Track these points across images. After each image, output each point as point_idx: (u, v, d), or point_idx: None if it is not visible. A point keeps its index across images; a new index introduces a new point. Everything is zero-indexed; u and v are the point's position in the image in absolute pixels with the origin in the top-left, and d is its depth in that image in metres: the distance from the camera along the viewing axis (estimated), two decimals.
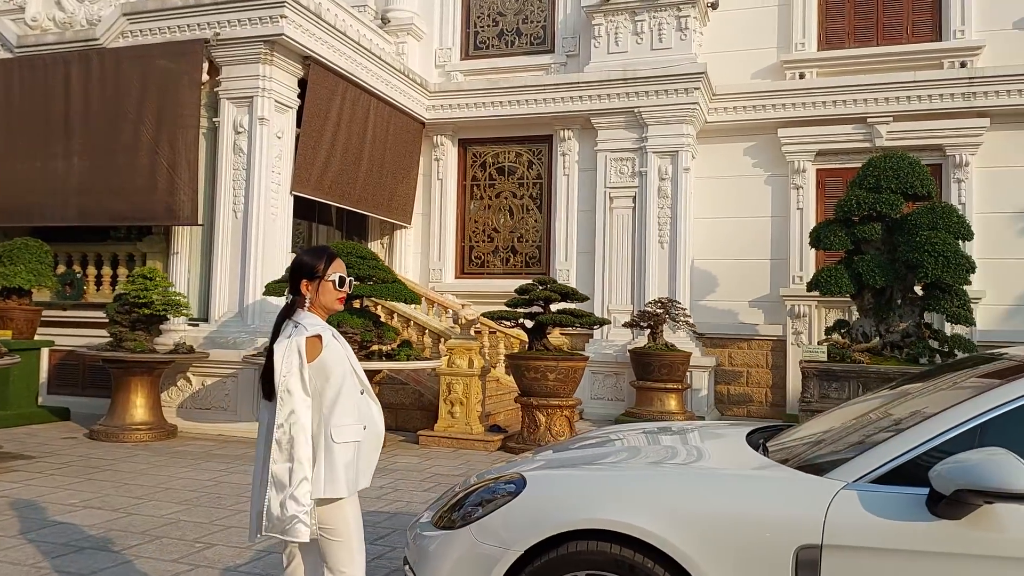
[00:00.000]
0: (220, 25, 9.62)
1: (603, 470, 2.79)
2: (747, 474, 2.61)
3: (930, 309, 9.78)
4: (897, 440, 2.39)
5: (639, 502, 2.46)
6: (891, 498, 2.29)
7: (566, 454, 3.26)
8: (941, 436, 2.33)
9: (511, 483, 2.74)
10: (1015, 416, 2.30)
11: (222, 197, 9.72)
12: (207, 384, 9.42)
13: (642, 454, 3.06)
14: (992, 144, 11.25)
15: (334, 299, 2.90)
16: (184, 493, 6.14)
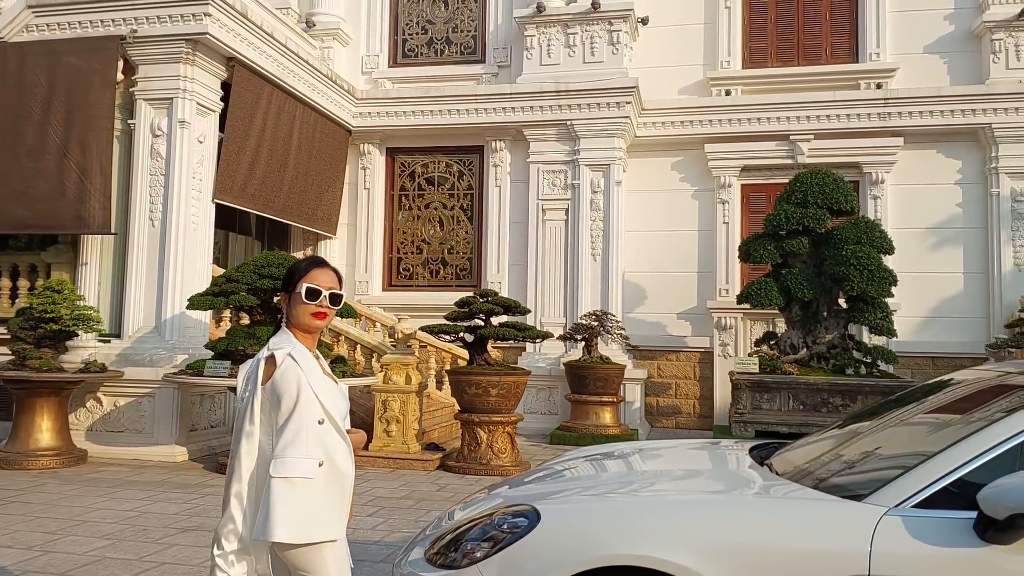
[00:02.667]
0: (138, 21, 9.02)
1: (624, 499, 2.60)
2: (781, 501, 2.48)
3: (854, 321, 10.10)
4: (938, 461, 2.29)
5: (671, 534, 2.28)
6: (938, 523, 2.19)
7: (551, 485, 3.03)
8: (984, 456, 2.25)
9: (522, 516, 2.51)
10: None
11: (137, 204, 9.08)
12: (120, 405, 8.74)
13: (649, 481, 2.88)
14: (905, 162, 11.76)
15: (306, 315, 2.52)
16: (104, 526, 5.60)
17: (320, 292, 2.55)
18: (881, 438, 2.75)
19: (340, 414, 2.54)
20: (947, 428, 2.56)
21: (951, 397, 2.91)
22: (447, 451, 8.69)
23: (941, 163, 11.79)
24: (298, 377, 2.44)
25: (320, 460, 2.40)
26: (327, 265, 2.66)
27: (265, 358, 2.48)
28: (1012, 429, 2.27)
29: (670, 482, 2.83)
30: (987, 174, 11.53)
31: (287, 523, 2.31)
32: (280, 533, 2.30)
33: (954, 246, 11.68)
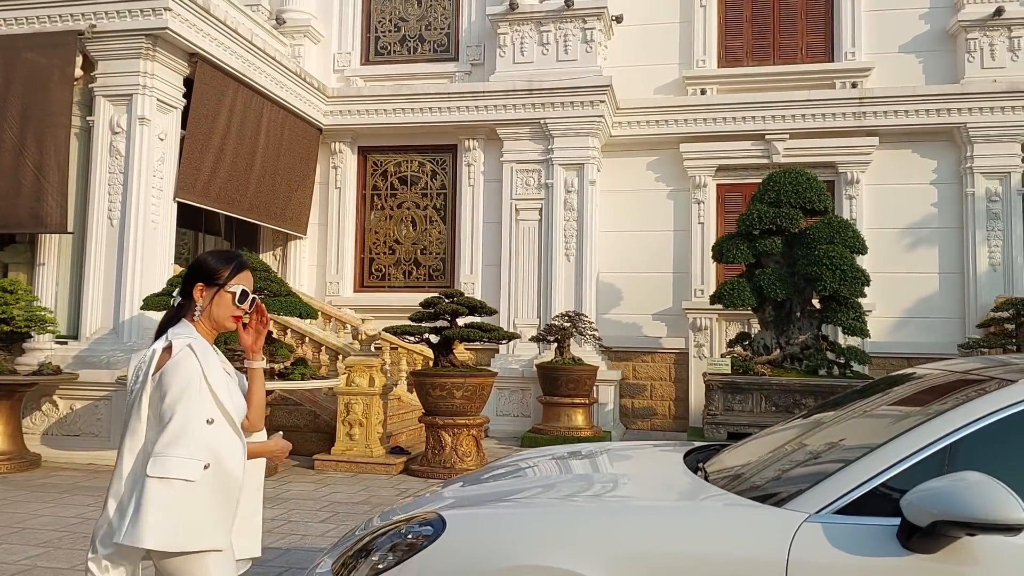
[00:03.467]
0: (97, 16, 8.82)
1: (537, 507, 2.45)
2: (699, 507, 2.33)
3: (827, 321, 9.99)
4: (862, 464, 2.15)
5: (580, 543, 2.13)
6: (859, 531, 2.05)
7: (479, 488, 2.88)
8: (910, 459, 2.11)
9: (427, 524, 2.36)
10: (989, 434, 2.11)
11: (96, 203, 8.88)
12: (76, 408, 8.53)
13: (574, 486, 2.73)
14: (881, 162, 11.68)
15: (228, 315, 2.43)
16: (44, 533, 5.40)
17: (248, 297, 2.47)
18: (816, 439, 2.61)
19: (238, 412, 2.37)
20: (880, 429, 2.42)
21: (896, 396, 2.77)
22: (412, 455, 8.52)
23: (916, 163, 11.72)
24: (192, 369, 2.27)
25: (206, 462, 2.21)
26: (250, 266, 2.59)
27: (163, 348, 2.31)
28: (939, 431, 2.14)
29: (591, 487, 2.68)
30: (962, 174, 11.46)
31: (159, 528, 2.12)
32: (149, 539, 2.12)
33: (929, 246, 11.61)
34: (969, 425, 2.12)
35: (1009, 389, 2.18)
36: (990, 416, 2.12)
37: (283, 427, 9.24)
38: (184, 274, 2.52)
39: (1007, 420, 2.11)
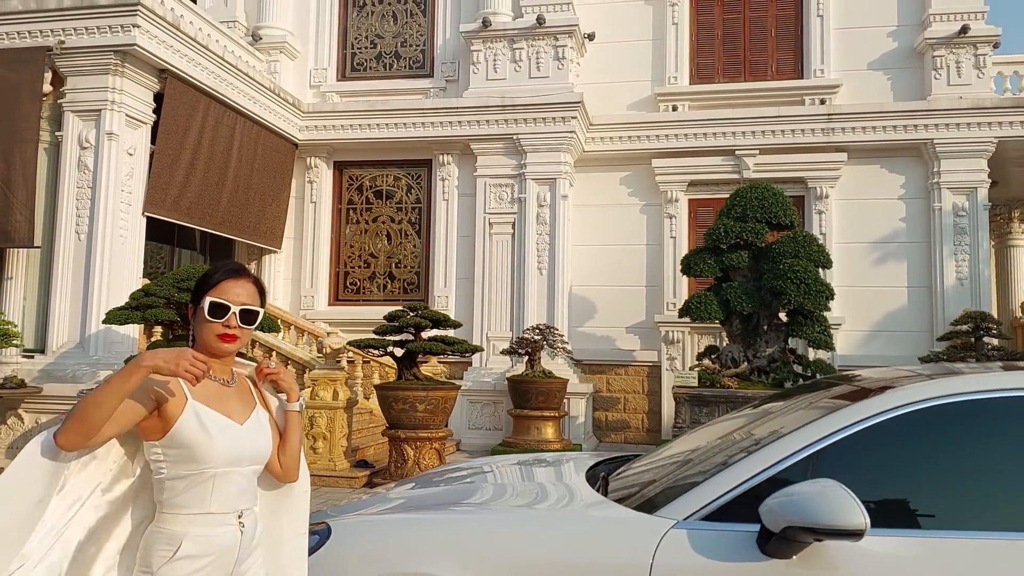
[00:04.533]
0: (66, 32, 8.91)
1: (418, 515, 2.50)
2: (574, 516, 2.38)
3: (793, 335, 10.07)
4: (728, 473, 2.21)
5: (455, 551, 2.19)
6: (722, 537, 2.11)
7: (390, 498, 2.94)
8: (773, 468, 2.17)
9: (315, 534, 2.41)
10: (850, 444, 2.17)
11: (64, 217, 8.93)
12: (41, 422, 8.54)
13: (473, 495, 2.78)
14: (850, 177, 11.81)
15: (210, 335, 2.06)
16: None
17: (228, 309, 2.06)
18: (708, 447, 2.66)
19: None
20: (760, 439, 2.48)
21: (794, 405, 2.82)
22: (377, 468, 8.54)
23: (885, 178, 11.85)
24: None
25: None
26: (245, 275, 2.17)
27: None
28: (803, 441, 2.20)
29: (482, 496, 2.74)
30: (930, 189, 11.59)
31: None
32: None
33: (898, 260, 11.72)
34: (833, 435, 2.19)
35: (872, 400, 2.24)
36: (853, 426, 2.19)
37: None
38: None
39: (870, 430, 2.17)
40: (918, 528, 2.05)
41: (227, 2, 13.01)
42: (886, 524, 2.04)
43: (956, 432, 2.17)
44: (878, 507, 2.09)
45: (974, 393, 2.17)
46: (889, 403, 2.19)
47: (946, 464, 2.17)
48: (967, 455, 2.16)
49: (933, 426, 2.16)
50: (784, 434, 2.26)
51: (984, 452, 2.15)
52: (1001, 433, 2.14)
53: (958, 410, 2.15)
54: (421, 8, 12.97)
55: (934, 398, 2.17)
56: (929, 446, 2.18)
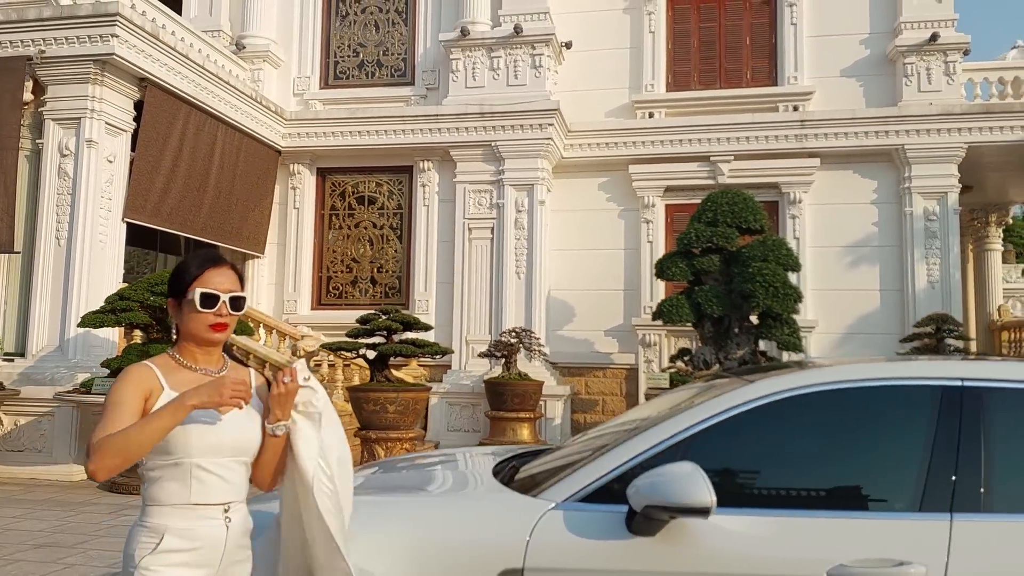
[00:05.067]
0: (46, 42, 9.09)
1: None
2: (459, 497, 2.56)
3: (764, 337, 10.24)
4: (605, 458, 2.39)
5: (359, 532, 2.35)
6: (594, 516, 2.28)
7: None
8: (645, 454, 2.34)
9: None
10: (715, 431, 2.34)
11: (44, 223, 9.10)
12: (20, 424, 8.70)
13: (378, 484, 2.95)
14: (822, 183, 12.00)
15: (202, 327, 2.07)
16: None
17: (218, 298, 2.07)
18: (602, 436, 2.83)
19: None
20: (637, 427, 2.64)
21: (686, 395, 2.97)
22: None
23: (857, 183, 12.04)
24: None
25: None
26: (223, 262, 2.17)
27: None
28: (672, 429, 2.37)
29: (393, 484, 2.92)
30: (901, 194, 11.78)
31: None
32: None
33: (870, 264, 11.90)
34: (701, 423, 2.36)
35: (734, 393, 2.42)
36: (718, 416, 2.36)
37: None
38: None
39: (732, 419, 2.34)
40: (768, 507, 2.22)
41: (212, 11, 13.20)
42: (740, 504, 2.21)
43: (804, 420, 2.35)
44: (734, 488, 2.26)
45: (819, 385, 2.35)
46: (748, 395, 2.36)
47: (795, 449, 2.35)
48: (814, 441, 2.34)
49: (785, 415, 2.33)
50: (658, 423, 2.43)
51: (828, 438, 2.33)
52: (844, 420, 2.31)
53: (806, 401, 2.32)
54: (403, 17, 13.17)
55: (787, 390, 2.35)
56: (781, 433, 2.35)
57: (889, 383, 2.32)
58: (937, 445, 2.18)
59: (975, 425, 2.18)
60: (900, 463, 2.23)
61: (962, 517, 2.09)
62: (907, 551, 2.05)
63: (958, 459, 2.15)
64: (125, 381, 2.04)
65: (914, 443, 2.21)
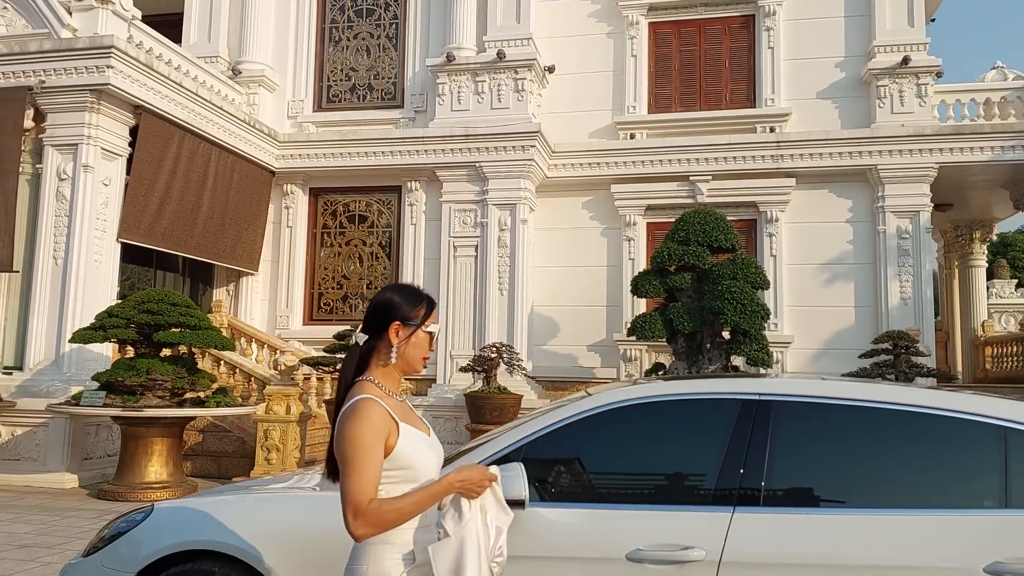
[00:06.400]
0: (46, 73, 9.62)
1: (216, 497, 3.06)
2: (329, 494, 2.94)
3: (734, 352, 10.54)
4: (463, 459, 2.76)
5: (232, 523, 2.74)
6: None
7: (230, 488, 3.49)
8: (495, 455, 2.71)
9: (141, 512, 2.97)
10: (549, 438, 2.72)
11: (42, 244, 9.60)
12: (17, 434, 9.16)
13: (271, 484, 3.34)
14: (799, 202, 12.31)
15: (419, 357, 2.26)
16: None
17: (434, 335, 2.32)
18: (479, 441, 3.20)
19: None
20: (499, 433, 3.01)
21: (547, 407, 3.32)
22: None
23: (832, 202, 12.35)
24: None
25: None
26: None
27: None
28: (517, 435, 2.74)
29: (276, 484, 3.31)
30: (875, 213, 12.06)
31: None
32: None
33: (845, 281, 12.17)
34: (540, 430, 2.73)
35: (570, 404, 2.78)
36: (553, 424, 2.73)
37: (213, 453, 9.85)
38: (370, 312, 2.27)
39: (567, 426, 2.71)
40: (584, 501, 2.58)
41: (211, 38, 13.75)
42: (562, 498, 2.58)
43: (623, 428, 2.70)
44: (558, 484, 2.63)
45: (639, 398, 2.71)
46: (580, 407, 2.73)
47: (612, 453, 2.71)
48: (628, 446, 2.69)
49: (607, 424, 2.69)
50: (508, 429, 2.80)
51: (641, 443, 2.68)
52: (657, 428, 2.67)
53: (625, 412, 2.68)
54: (393, 43, 13.67)
55: (611, 403, 2.71)
56: (603, 439, 2.71)
57: (698, 396, 2.68)
58: (731, 449, 2.53)
59: (764, 432, 2.53)
60: (699, 464, 2.58)
61: (743, 510, 2.44)
62: (692, 538, 2.40)
63: (746, 462, 2.50)
64: (370, 422, 2.03)
65: (713, 447, 2.57)
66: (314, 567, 2.62)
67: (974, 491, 2.44)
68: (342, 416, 2.06)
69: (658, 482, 2.60)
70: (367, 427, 2.01)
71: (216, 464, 9.72)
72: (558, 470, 2.68)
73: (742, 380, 2.74)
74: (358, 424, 2.01)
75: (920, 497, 2.43)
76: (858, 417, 2.52)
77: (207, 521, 2.77)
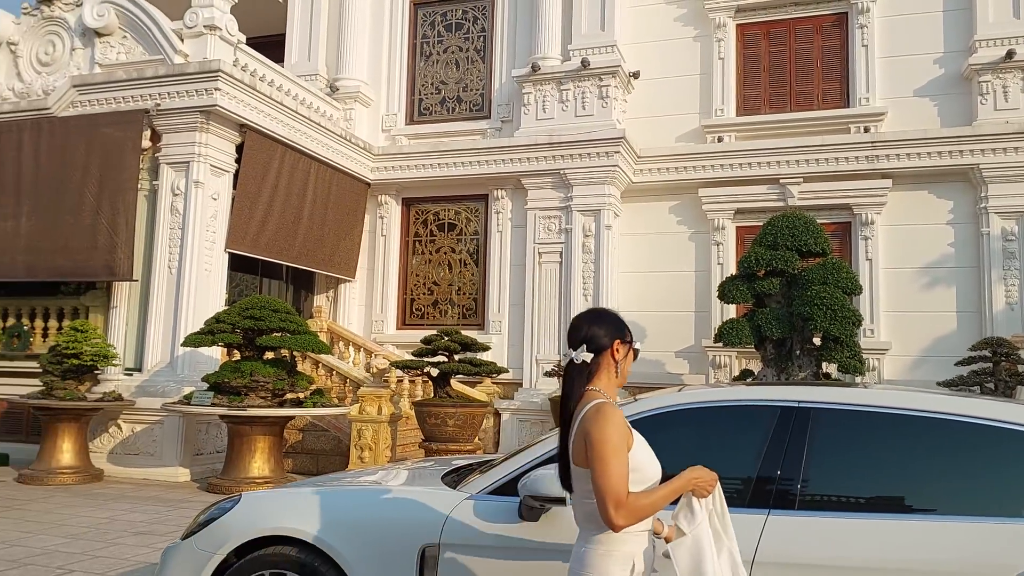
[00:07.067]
0: (161, 96, 10.42)
1: (298, 489, 3.35)
2: (396, 488, 3.18)
3: (825, 359, 10.31)
4: (509, 461, 2.96)
5: (309, 513, 3.02)
6: (496, 506, 2.85)
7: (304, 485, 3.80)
8: (540, 458, 2.89)
9: (231, 500, 3.31)
10: None
11: (159, 254, 10.39)
12: (136, 431, 9.96)
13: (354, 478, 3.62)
14: (896, 203, 11.91)
15: (626, 374, 2.47)
16: (75, 528, 6.64)
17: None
18: (530, 445, 3.37)
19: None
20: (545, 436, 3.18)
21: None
22: None
23: (932, 203, 11.88)
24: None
25: None
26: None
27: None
28: (551, 445, 2.90)
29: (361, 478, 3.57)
30: (978, 214, 11.54)
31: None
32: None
33: (946, 285, 11.69)
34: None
35: (623, 408, 2.92)
36: None
37: (312, 450, 10.40)
38: (590, 334, 2.38)
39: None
40: None
41: (310, 57, 14.49)
42: None
43: (666, 432, 2.82)
44: None
45: (683, 404, 2.83)
46: (627, 412, 2.87)
47: (657, 454, 2.82)
48: (671, 449, 2.80)
49: (651, 428, 2.81)
50: (549, 436, 2.97)
51: (683, 447, 2.79)
52: (698, 432, 2.78)
53: (670, 417, 2.81)
54: (481, 55, 14.03)
55: (657, 408, 2.84)
56: (649, 441, 2.84)
57: (739, 403, 2.78)
58: (768, 454, 2.62)
59: (800, 438, 2.61)
60: (737, 467, 2.68)
61: (777, 513, 2.53)
62: None
63: (782, 466, 2.59)
64: (616, 425, 2.20)
65: (751, 452, 2.66)
66: (377, 554, 2.87)
67: (1008, 499, 2.45)
68: (587, 420, 2.20)
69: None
70: (615, 428, 2.17)
71: (314, 461, 10.26)
72: None
73: (781, 388, 2.83)
74: (607, 426, 2.17)
75: (955, 504, 2.46)
76: (893, 424, 2.57)
77: (287, 510, 3.08)
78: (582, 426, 2.20)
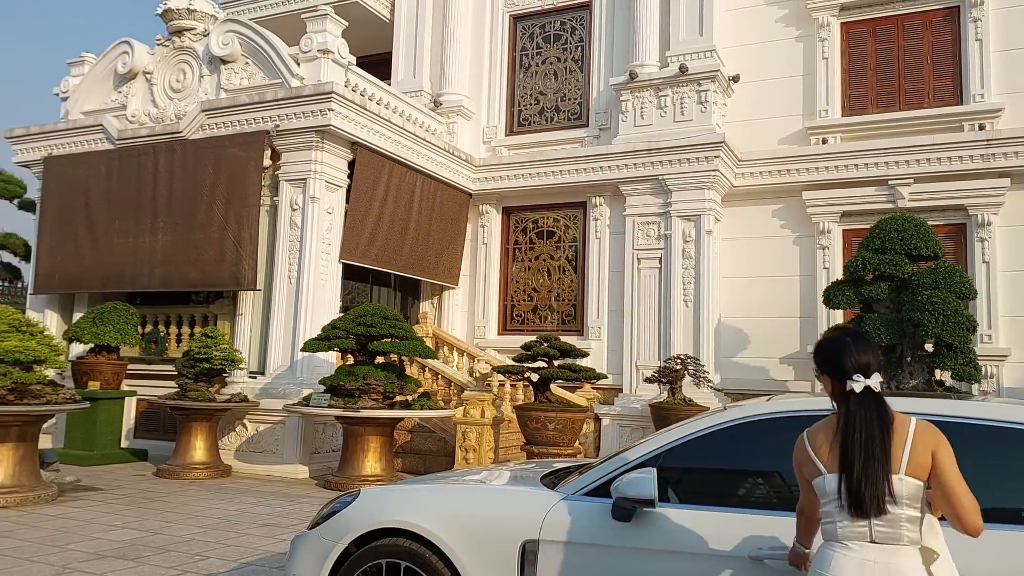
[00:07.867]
0: (280, 118, 11.17)
1: (410, 485, 3.68)
2: (499, 487, 3.45)
3: (937, 367, 9.97)
4: (603, 465, 3.18)
5: (420, 508, 3.33)
6: (591, 506, 3.08)
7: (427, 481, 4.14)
8: (632, 463, 3.10)
9: (351, 495, 3.67)
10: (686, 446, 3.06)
11: (279, 265, 11.13)
12: (260, 430, 10.70)
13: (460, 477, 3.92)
14: (1014, 203, 11.37)
15: None
16: (209, 520, 7.29)
17: None
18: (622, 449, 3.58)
19: None
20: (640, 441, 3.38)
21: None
22: None
23: None
24: None
25: None
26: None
27: None
28: (657, 444, 3.10)
29: (467, 477, 3.86)
30: None
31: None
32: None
33: None
34: (678, 439, 3.08)
35: (707, 417, 3.10)
36: (691, 434, 3.07)
37: (419, 451, 10.89)
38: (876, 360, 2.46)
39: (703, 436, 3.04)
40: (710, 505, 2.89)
41: (415, 74, 15.11)
42: (692, 501, 2.91)
43: (753, 439, 2.97)
44: (689, 489, 2.96)
45: (768, 414, 2.97)
46: (716, 420, 3.04)
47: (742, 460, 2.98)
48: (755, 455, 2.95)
49: (739, 435, 2.98)
50: (649, 439, 3.17)
51: (763, 453, 2.94)
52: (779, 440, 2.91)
53: (755, 425, 2.96)
54: (579, 65, 14.27)
55: (744, 416, 3.00)
56: (735, 448, 3.00)
57: (819, 412, 2.89)
58: None
59: None
60: None
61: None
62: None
63: None
64: None
65: None
66: (481, 547, 3.15)
67: None
68: (940, 438, 2.33)
69: (777, 490, 2.86)
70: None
71: (423, 461, 10.74)
72: (690, 477, 3.02)
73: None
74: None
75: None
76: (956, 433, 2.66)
77: (401, 505, 3.41)
78: (936, 445, 2.31)
